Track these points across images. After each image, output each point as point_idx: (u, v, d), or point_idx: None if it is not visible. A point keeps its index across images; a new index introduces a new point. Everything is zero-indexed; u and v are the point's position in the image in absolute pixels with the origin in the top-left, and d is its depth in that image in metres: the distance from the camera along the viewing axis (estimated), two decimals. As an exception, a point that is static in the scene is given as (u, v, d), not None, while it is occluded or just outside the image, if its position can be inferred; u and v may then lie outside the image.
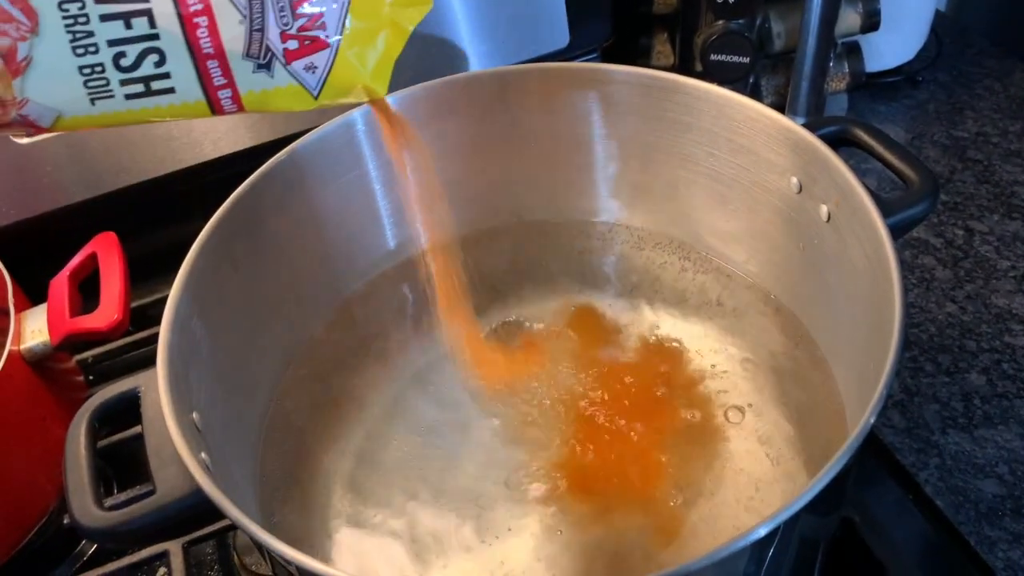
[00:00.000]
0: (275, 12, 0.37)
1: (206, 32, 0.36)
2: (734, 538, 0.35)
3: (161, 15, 0.36)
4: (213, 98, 0.38)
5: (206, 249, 0.51)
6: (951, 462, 0.64)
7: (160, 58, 0.36)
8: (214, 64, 0.37)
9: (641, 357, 0.59)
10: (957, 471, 0.64)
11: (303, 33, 0.38)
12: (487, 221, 0.68)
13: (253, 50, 0.37)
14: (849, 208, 0.49)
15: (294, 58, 0.38)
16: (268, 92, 0.38)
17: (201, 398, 0.48)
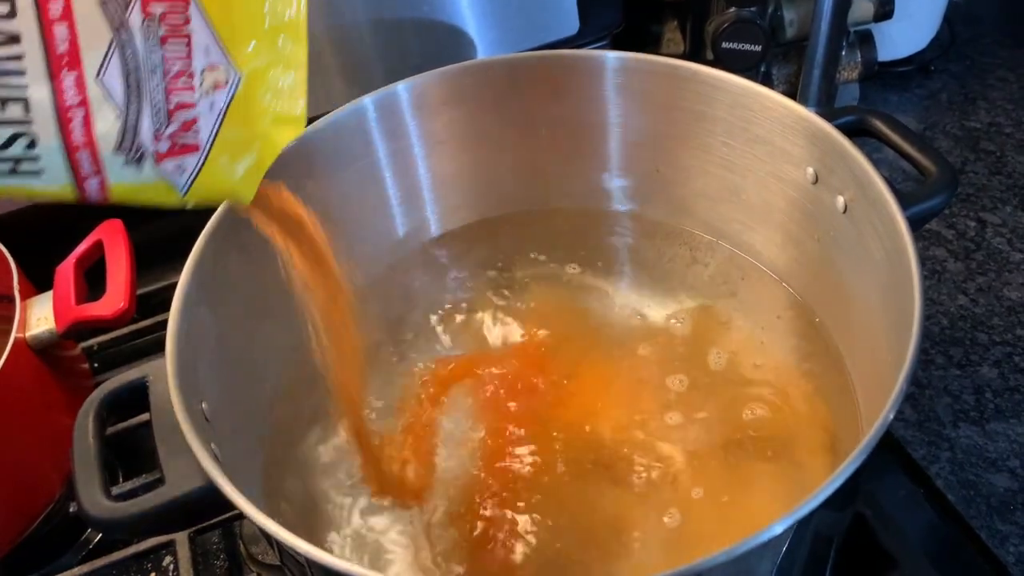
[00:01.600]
0: (151, 114, 0.37)
1: (80, 124, 0.36)
2: (750, 535, 0.35)
3: (37, 103, 0.36)
4: (80, 186, 0.38)
5: (215, 236, 0.51)
6: (962, 456, 0.64)
7: (31, 142, 0.36)
8: (85, 154, 0.37)
9: (653, 348, 0.58)
10: (968, 465, 0.63)
11: (175, 136, 0.38)
12: (498, 209, 0.67)
13: (125, 146, 0.37)
14: (866, 199, 0.49)
15: (164, 158, 0.38)
16: (136, 186, 0.38)
17: (210, 387, 0.47)
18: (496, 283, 0.64)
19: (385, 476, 0.52)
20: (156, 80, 0.37)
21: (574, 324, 0.60)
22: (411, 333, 0.61)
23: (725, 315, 0.59)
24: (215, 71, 0.38)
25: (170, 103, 0.38)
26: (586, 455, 0.52)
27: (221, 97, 0.39)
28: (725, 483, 0.51)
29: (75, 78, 0.36)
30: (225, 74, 0.38)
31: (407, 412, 0.56)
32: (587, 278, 0.63)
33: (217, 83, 0.38)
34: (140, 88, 0.37)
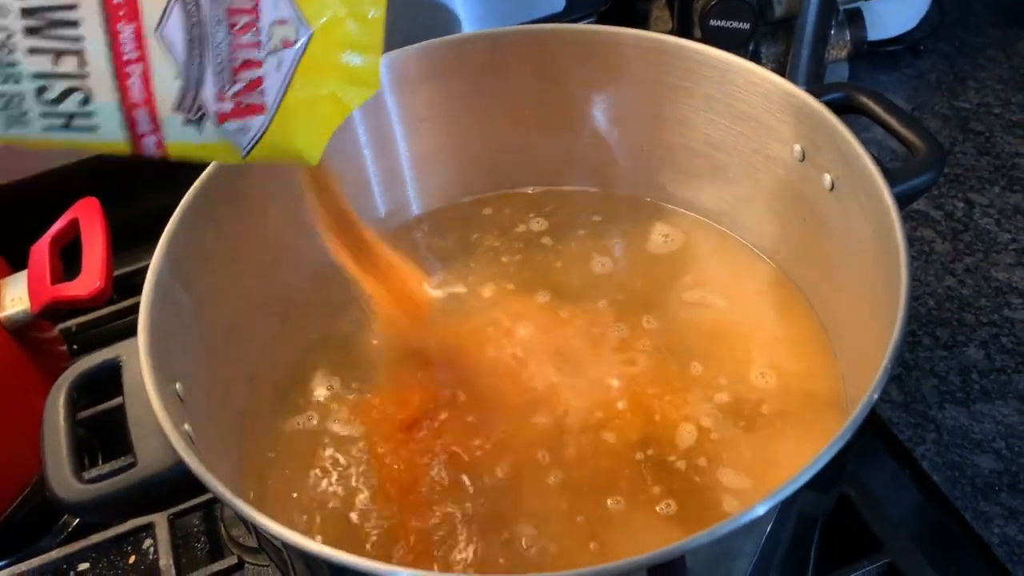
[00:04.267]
0: (214, 72, 0.35)
1: (138, 81, 0.35)
2: (732, 516, 0.34)
3: (94, 56, 0.34)
4: (136, 142, 0.36)
5: (189, 213, 0.50)
6: (948, 437, 0.64)
7: (85, 98, 0.35)
8: (142, 112, 0.35)
9: (638, 326, 0.57)
10: (954, 446, 0.63)
11: (240, 96, 0.36)
12: (481, 188, 0.66)
13: (185, 105, 0.35)
14: (853, 177, 0.48)
15: (227, 119, 0.36)
16: (194, 145, 0.36)
17: (185, 367, 0.46)
18: (479, 263, 0.63)
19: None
20: (220, 35, 0.35)
21: (557, 305, 0.59)
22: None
23: (709, 294, 0.59)
24: (284, 26, 0.35)
25: (235, 60, 0.35)
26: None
27: (290, 55, 0.36)
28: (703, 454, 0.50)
29: (133, 30, 0.34)
30: (295, 30, 0.35)
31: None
32: (571, 257, 0.62)
33: (286, 40, 0.35)
34: (203, 44, 0.34)
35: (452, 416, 0.53)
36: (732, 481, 0.49)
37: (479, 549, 0.47)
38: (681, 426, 0.52)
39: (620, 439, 0.51)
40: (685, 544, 0.33)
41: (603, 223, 0.64)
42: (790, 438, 0.51)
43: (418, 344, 0.57)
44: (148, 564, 0.65)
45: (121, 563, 0.66)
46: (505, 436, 0.52)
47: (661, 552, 0.33)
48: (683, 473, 0.49)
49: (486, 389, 0.55)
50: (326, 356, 0.58)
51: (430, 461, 0.51)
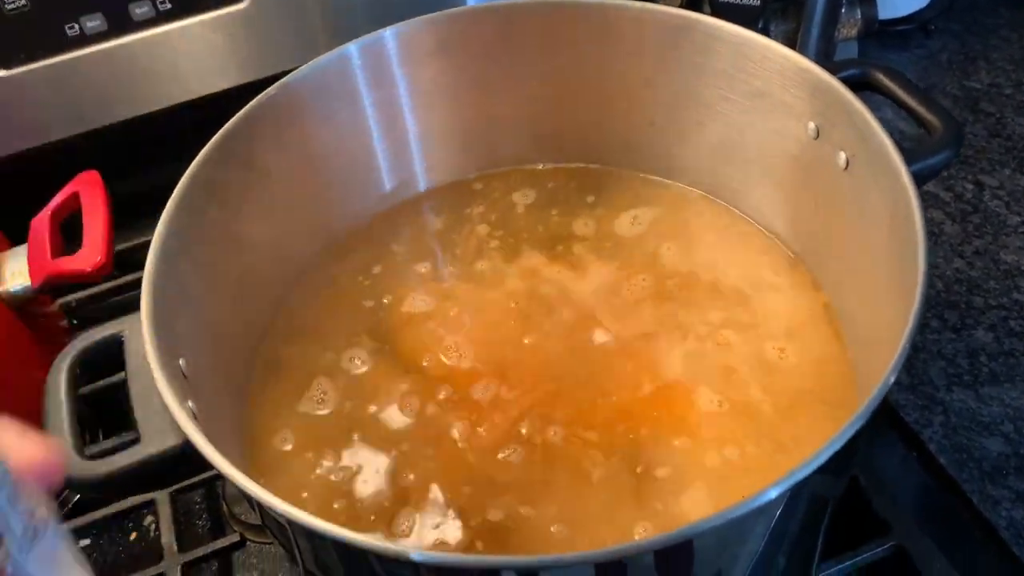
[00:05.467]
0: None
1: None
2: (744, 499, 0.33)
3: None
4: None
5: (193, 186, 0.49)
6: (956, 420, 0.63)
7: None
8: None
9: (644, 307, 0.57)
10: (962, 429, 0.63)
11: None
12: (489, 165, 0.66)
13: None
14: (869, 155, 0.47)
15: None
16: None
17: (188, 343, 0.46)
18: (485, 241, 0.62)
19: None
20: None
21: (564, 285, 0.58)
22: (394, 289, 0.59)
23: (718, 275, 0.58)
24: None
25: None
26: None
27: None
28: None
29: None
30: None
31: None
32: (578, 236, 0.61)
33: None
34: None
35: (460, 390, 0.53)
36: (738, 462, 0.48)
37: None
38: (686, 403, 0.51)
39: (620, 413, 0.51)
40: (697, 526, 0.33)
41: (611, 200, 0.63)
42: (799, 421, 0.50)
43: (430, 321, 0.57)
44: (150, 541, 0.65)
45: (122, 540, 0.65)
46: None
47: (670, 535, 0.33)
48: (688, 452, 0.49)
49: (504, 361, 0.54)
50: (337, 331, 0.57)
51: (444, 436, 0.51)
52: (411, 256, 0.61)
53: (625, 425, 0.50)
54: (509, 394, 0.52)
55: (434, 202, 0.65)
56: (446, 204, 0.64)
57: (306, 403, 0.54)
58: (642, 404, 0.51)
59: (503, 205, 0.64)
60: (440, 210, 0.64)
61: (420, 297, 0.58)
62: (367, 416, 0.52)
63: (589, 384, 0.52)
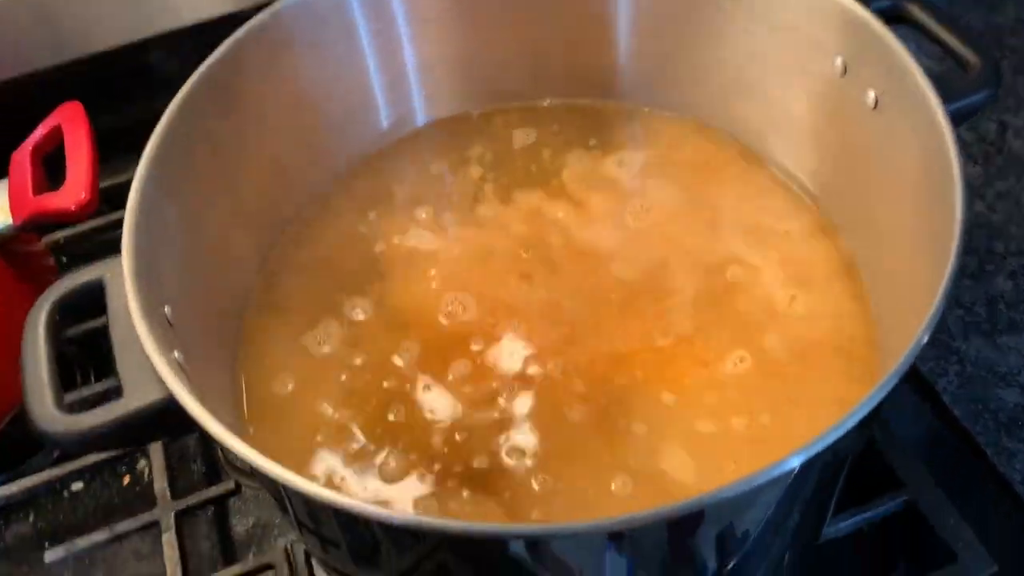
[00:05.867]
0: None
1: None
2: (763, 468, 0.32)
3: None
4: None
5: (178, 121, 0.46)
6: (972, 369, 0.62)
7: None
8: None
9: (652, 258, 0.54)
10: (978, 379, 0.62)
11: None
12: (491, 100, 0.62)
13: None
14: (901, 93, 0.44)
15: None
16: None
17: (174, 289, 0.44)
18: (486, 179, 0.59)
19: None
20: None
21: (567, 227, 0.56)
22: (393, 234, 0.57)
23: (731, 217, 0.55)
24: None
25: None
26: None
27: None
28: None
29: None
30: None
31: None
32: (584, 177, 0.59)
33: None
34: None
35: (461, 341, 0.51)
36: (750, 424, 0.46)
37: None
38: (693, 353, 0.49)
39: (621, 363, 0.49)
40: (710, 496, 0.31)
41: (623, 139, 0.61)
42: (809, 376, 0.48)
43: (430, 267, 0.55)
44: (143, 485, 0.64)
45: (115, 484, 0.65)
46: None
47: (686, 503, 0.31)
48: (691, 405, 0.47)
49: (497, 303, 0.52)
50: (330, 277, 0.55)
51: (439, 382, 0.49)
52: (410, 199, 0.58)
53: (629, 375, 0.49)
54: (513, 342, 0.50)
55: (433, 140, 0.62)
56: (446, 142, 0.61)
57: (305, 347, 0.52)
58: (647, 355, 0.49)
59: (504, 144, 0.61)
60: (440, 149, 0.61)
61: (419, 242, 0.56)
62: (364, 362, 0.51)
63: (594, 332, 0.51)
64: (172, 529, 0.58)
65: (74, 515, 0.63)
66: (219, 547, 0.60)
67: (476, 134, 0.61)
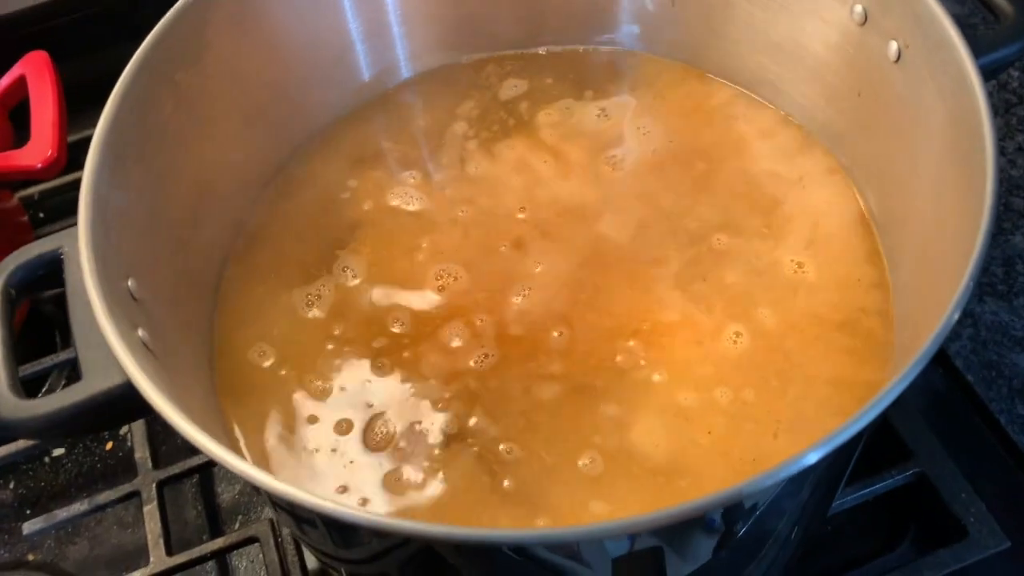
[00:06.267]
0: None
1: None
2: (782, 463, 0.29)
3: None
4: None
5: (141, 75, 0.43)
6: (986, 333, 0.61)
7: None
8: None
9: (655, 219, 0.51)
10: (992, 343, 0.60)
11: None
12: (481, 49, 0.59)
13: None
14: (927, 44, 0.41)
15: None
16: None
17: (140, 260, 0.41)
18: (474, 136, 0.56)
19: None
20: None
21: (559, 190, 0.53)
22: (376, 188, 0.54)
23: (746, 181, 0.52)
24: None
25: None
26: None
27: None
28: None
29: None
30: None
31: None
32: (580, 133, 0.55)
33: None
34: None
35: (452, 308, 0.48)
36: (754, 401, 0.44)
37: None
38: (685, 325, 0.47)
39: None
40: (717, 498, 0.29)
41: (624, 88, 0.58)
42: (810, 351, 0.46)
43: (408, 227, 0.52)
44: (127, 452, 0.62)
45: (98, 449, 0.63)
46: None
47: (683, 507, 0.29)
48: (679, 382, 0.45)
49: (485, 270, 0.50)
50: (314, 241, 0.52)
51: (422, 351, 0.47)
52: (394, 156, 0.55)
53: (614, 348, 0.46)
54: (503, 310, 0.48)
55: (420, 93, 0.58)
56: (434, 95, 0.58)
57: (285, 315, 0.49)
58: (638, 326, 0.47)
59: (493, 96, 0.58)
60: (427, 102, 0.58)
61: (404, 203, 0.53)
62: (347, 331, 0.48)
63: (586, 301, 0.48)
64: (154, 501, 0.56)
65: (56, 482, 0.62)
66: (204, 515, 0.59)
67: (466, 86, 0.58)
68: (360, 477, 0.43)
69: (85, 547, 0.59)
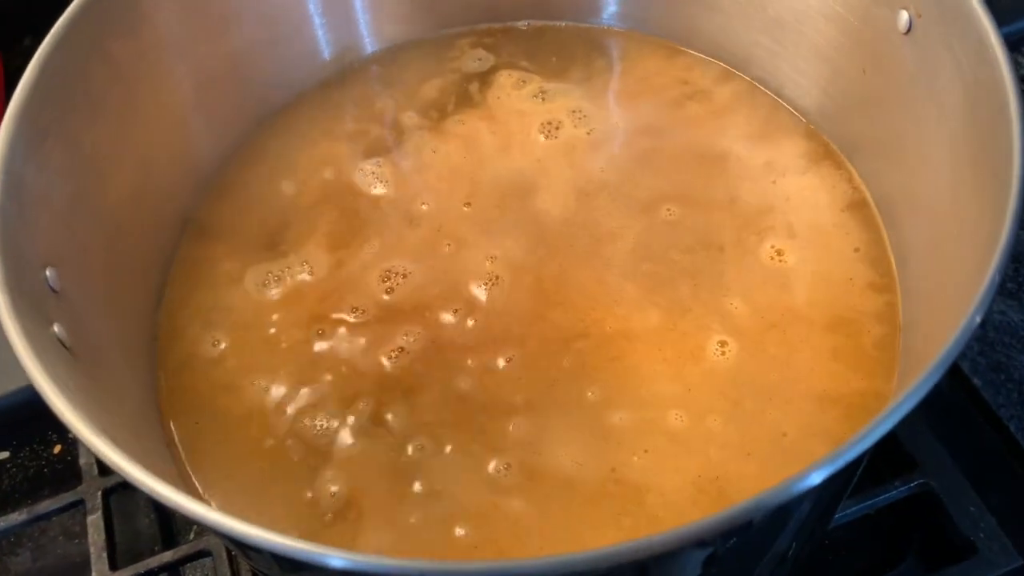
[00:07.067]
0: None
1: None
2: (787, 480, 0.27)
3: None
4: None
5: (66, 42, 0.39)
6: (994, 334, 0.57)
7: None
8: None
9: (632, 220, 0.48)
10: (1000, 344, 0.57)
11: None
12: (452, 22, 0.56)
13: None
14: (942, 14, 0.38)
15: None
16: None
17: (63, 248, 0.37)
18: (442, 116, 0.53)
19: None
20: None
21: (530, 178, 0.50)
22: (330, 171, 0.51)
23: (739, 169, 0.49)
24: None
25: None
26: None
27: None
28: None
29: None
30: None
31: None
32: (555, 115, 0.52)
33: None
34: None
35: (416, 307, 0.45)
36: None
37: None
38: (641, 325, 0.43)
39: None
40: (719, 520, 0.26)
41: (607, 68, 0.55)
42: (796, 358, 0.42)
43: (361, 215, 0.49)
44: (75, 455, 0.58)
45: (46, 452, 0.60)
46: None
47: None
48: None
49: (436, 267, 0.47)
50: (266, 227, 0.49)
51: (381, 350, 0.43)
52: (352, 141, 0.52)
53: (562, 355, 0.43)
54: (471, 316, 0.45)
55: (385, 70, 0.55)
56: (397, 74, 0.55)
57: (232, 306, 0.46)
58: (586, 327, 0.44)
59: (473, 75, 0.54)
60: (391, 81, 0.54)
61: (363, 187, 0.50)
62: (296, 323, 0.45)
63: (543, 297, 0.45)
64: (99, 511, 0.52)
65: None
66: (157, 525, 0.55)
67: (432, 63, 0.55)
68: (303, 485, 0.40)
69: (27, 558, 0.56)
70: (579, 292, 0.44)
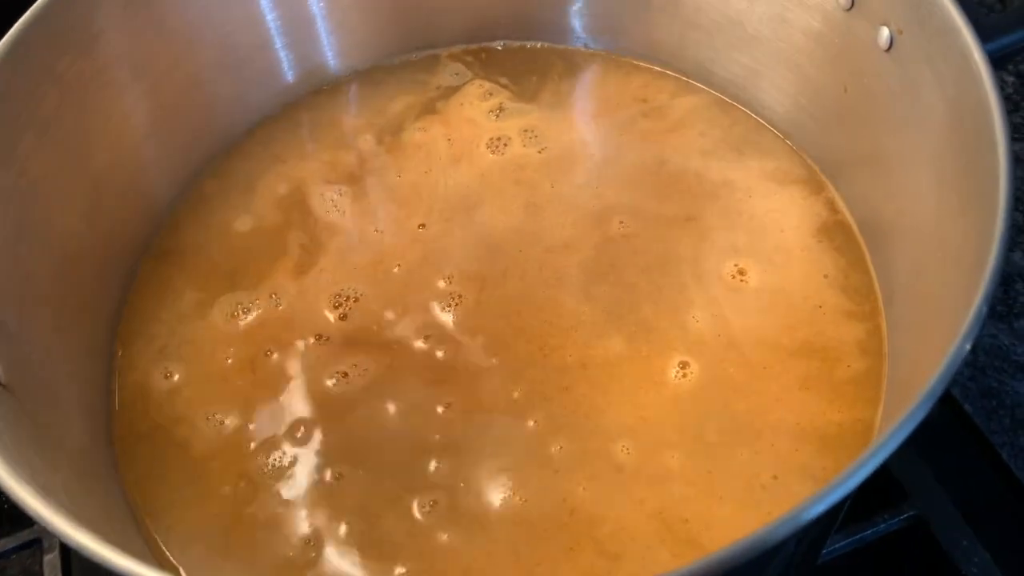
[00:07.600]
0: None
1: None
2: (781, 518, 0.26)
3: None
4: None
5: (14, 63, 0.38)
6: (984, 359, 0.56)
7: None
8: None
9: (605, 245, 0.47)
10: (991, 369, 0.56)
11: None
12: (422, 43, 0.56)
13: None
14: (924, 30, 0.38)
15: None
16: None
17: (3, 275, 0.36)
18: (410, 141, 0.52)
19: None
20: None
21: (502, 207, 0.49)
22: (292, 199, 0.50)
23: (715, 190, 0.48)
24: None
25: None
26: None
27: None
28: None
29: None
30: None
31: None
32: (526, 140, 0.52)
33: None
34: None
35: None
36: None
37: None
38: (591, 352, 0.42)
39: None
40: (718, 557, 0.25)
41: (581, 89, 0.55)
42: (761, 386, 0.41)
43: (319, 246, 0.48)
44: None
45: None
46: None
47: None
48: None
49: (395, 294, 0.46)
50: (227, 255, 0.48)
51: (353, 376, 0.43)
52: (311, 168, 0.51)
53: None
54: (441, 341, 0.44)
55: (350, 94, 0.55)
56: (364, 97, 0.54)
57: (192, 341, 0.45)
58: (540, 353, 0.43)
59: (446, 95, 0.54)
60: (357, 105, 0.54)
61: (325, 216, 0.49)
62: (248, 357, 0.44)
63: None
64: (56, 550, 0.51)
65: (-46, 526, 0.57)
66: (118, 565, 0.53)
67: (404, 86, 0.54)
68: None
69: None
70: (534, 316, 0.43)
